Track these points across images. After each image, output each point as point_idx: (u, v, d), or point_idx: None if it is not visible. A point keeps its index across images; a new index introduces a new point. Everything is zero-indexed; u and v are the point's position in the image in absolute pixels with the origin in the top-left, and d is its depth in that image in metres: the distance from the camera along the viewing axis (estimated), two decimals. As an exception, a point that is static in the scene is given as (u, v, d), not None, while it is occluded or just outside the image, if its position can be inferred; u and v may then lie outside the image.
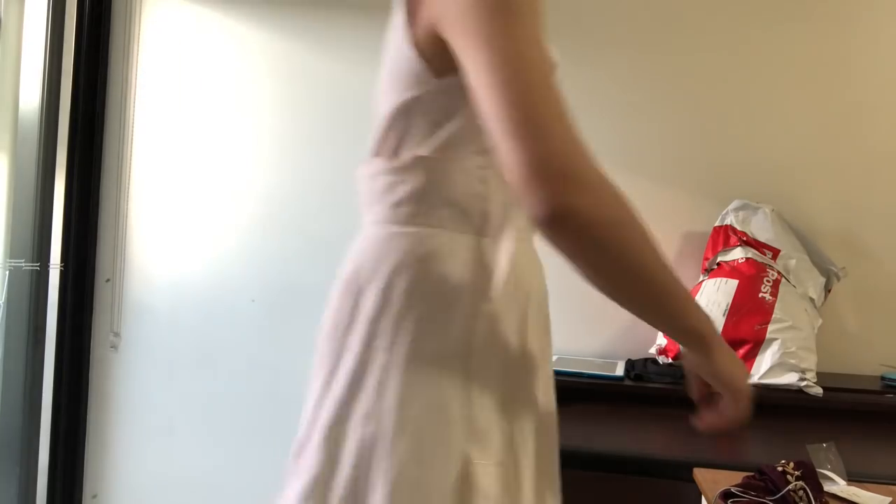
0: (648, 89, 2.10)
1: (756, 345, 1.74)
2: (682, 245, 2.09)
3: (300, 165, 2.31)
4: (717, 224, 1.98)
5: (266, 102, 2.33)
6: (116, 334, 2.41)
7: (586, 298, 2.17)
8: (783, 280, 1.84)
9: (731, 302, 1.79)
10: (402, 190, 0.83)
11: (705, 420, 0.87)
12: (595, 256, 0.69)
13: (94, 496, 2.42)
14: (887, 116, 2.02)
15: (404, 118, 0.83)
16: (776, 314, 1.76)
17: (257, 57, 2.34)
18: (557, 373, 0.93)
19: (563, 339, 2.12)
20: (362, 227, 0.89)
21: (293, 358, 2.28)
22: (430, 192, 0.83)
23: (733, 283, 1.82)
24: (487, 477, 0.79)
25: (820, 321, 1.85)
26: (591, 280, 0.72)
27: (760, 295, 1.79)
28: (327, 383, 0.84)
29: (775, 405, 1.69)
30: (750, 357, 1.74)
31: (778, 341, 1.72)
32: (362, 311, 0.83)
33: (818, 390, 1.67)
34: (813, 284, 1.87)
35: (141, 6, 2.42)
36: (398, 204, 0.84)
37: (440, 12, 0.75)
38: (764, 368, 1.71)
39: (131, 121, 2.41)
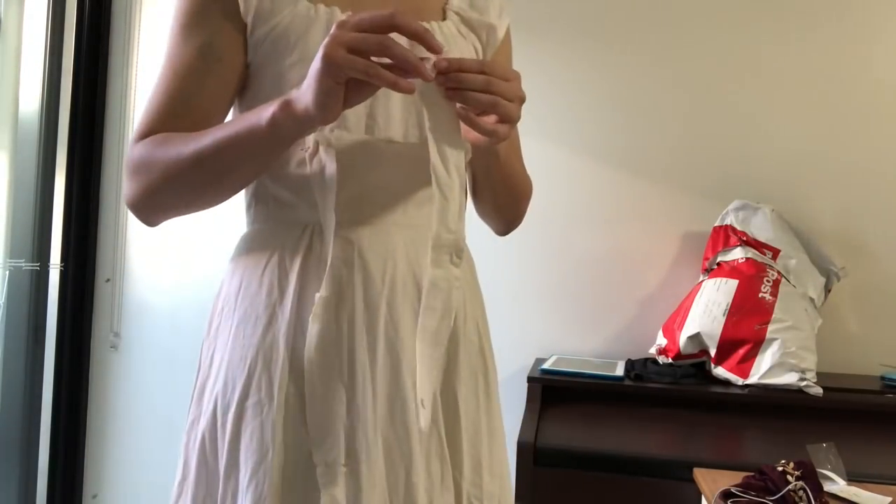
0: (649, 90, 2.11)
1: (756, 345, 1.74)
2: (682, 245, 2.09)
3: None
4: (717, 224, 1.98)
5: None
6: (116, 334, 2.41)
7: (586, 299, 2.18)
8: (783, 280, 1.84)
9: (731, 302, 1.79)
10: None
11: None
12: (164, 202, 0.81)
13: (94, 496, 2.42)
14: (887, 117, 2.01)
15: None
16: (776, 314, 1.76)
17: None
18: (558, 373, 0.93)
19: (563, 339, 2.12)
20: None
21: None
22: None
23: (733, 283, 1.82)
24: None
25: (820, 321, 1.85)
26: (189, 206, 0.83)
27: (760, 295, 1.79)
28: None
29: (775, 405, 1.69)
30: (750, 357, 1.74)
31: (778, 341, 1.72)
32: None
33: (818, 390, 1.67)
34: (813, 284, 1.87)
35: (141, 6, 2.42)
36: None
37: None
38: (764, 368, 1.71)
39: (131, 121, 2.41)
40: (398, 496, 0.78)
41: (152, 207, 0.82)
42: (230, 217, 2.32)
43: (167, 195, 0.80)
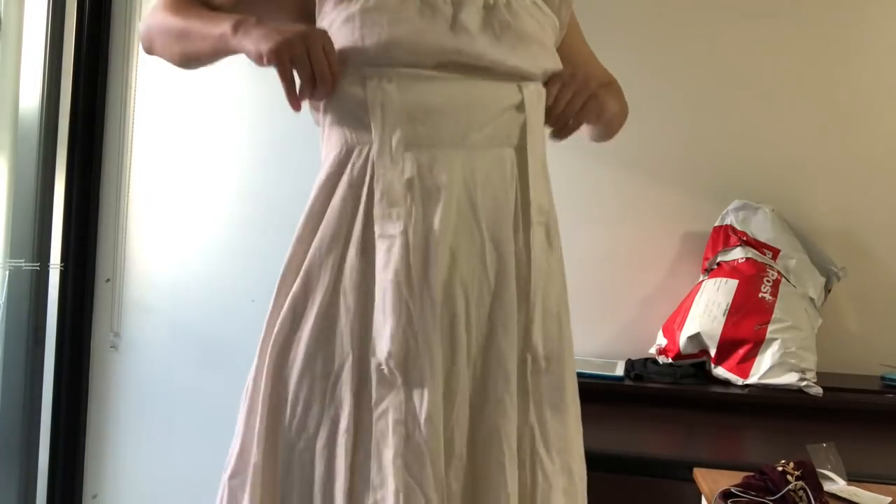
0: (648, 89, 2.10)
1: (756, 345, 1.74)
2: (682, 245, 2.08)
3: (302, 165, 2.31)
4: (717, 224, 1.98)
5: (267, 102, 2.33)
6: (116, 334, 2.41)
7: (586, 298, 2.17)
8: (783, 280, 1.84)
9: (731, 302, 1.79)
10: None
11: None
12: (155, 44, 1.04)
13: (94, 496, 2.42)
14: (887, 116, 2.01)
15: None
16: (776, 314, 1.76)
17: (257, 57, 2.33)
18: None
19: (563, 339, 2.12)
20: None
21: (293, 358, 2.27)
22: None
23: (733, 283, 1.82)
24: None
25: (820, 321, 1.85)
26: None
27: (760, 295, 1.79)
28: None
29: (775, 405, 1.69)
30: (750, 357, 1.74)
31: (778, 341, 1.72)
32: None
33: (818, 390, 1.67)
34: (813, 284, 1.87)
35: (141, 6, 2.41)
36: None
37: None
38: (764, 368, 1.71)
39: (131, 121, 2.41)
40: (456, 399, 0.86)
41: (148, 42, 1.04)
42: (231, 217, 2.33)
43: (158, 42, 1.03)
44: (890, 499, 1.14)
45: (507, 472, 0.86)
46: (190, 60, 1.02)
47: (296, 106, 0.91)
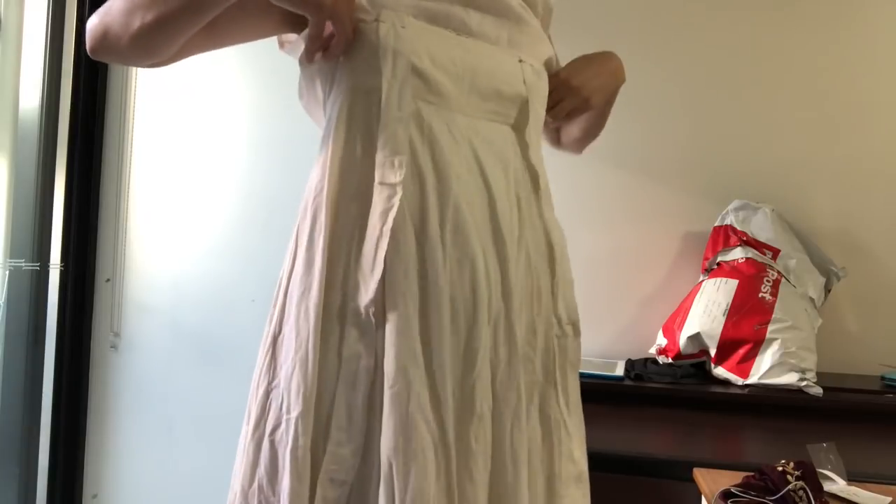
0: (648, 90, 2.11)
1: (756, 345, 1.74)
2: (682, 245, 2.09)
3: (302, 165, 2.31)
4: (717, 224, 1.99)
5: (268, 102, 2.33)
6: (116, 334, 2.41)
7: (586, 298, 2.17)
8: (783, 280, 1.84)
9: (731, 302, 1.79)
10: None
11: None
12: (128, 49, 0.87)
13: (94, 496, 2.42)
14: (887, 116, 2.02)
15: None
16: (776, 314, 1.76)
17: (259, 56, 2.34)
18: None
19: (563, 339, 2.12)
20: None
21: (293, 358, 2.27)
22: None
23: (733, 283, 1.82)
24: None
25: (820, 321, 1.85)
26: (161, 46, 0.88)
27: (760, 295, 1.79)
28: None
29: (775, 405, 1.69)
30: (750, 357, 1.74)
31: (778, 341, 1.72)
32: None
33: (818, 390, 1.67)
34: (813, 284, 1.87)
35: (141, 6, 2.41)
36: None
37: None
38: (764, 368, 1.71)
39: (131, 121, 2.41)
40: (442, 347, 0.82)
41: (102, 29, 0.86)
42: (231, 217, 2.33)
43: (118, 20, 0.84)
44: (890, 499, 1.14)
45: (522, 425, 0.86)
46: (167, 26, 0.83)
47: (311, 58, 0.91)
